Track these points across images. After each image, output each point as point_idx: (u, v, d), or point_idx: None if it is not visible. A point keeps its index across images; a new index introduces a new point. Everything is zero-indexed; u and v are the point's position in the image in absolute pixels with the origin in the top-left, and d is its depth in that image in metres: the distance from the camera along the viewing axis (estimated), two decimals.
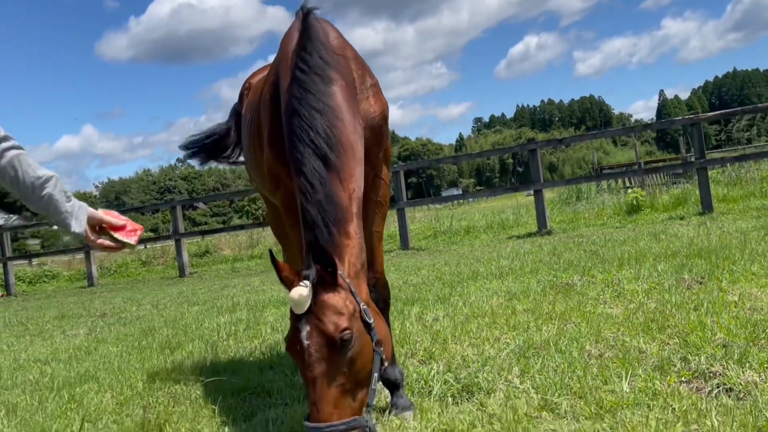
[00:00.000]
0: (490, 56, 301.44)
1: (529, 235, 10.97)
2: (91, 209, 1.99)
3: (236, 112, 4.64)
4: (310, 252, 2.21)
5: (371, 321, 2.22)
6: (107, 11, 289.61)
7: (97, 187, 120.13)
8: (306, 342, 2.11)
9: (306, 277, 2.16)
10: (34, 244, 59.92)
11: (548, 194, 12.90)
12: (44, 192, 1.82)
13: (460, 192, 65.72)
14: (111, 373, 4.42)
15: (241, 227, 19.47)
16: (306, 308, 2.11)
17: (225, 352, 4.67)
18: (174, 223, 13.98)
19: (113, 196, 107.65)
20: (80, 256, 20.42)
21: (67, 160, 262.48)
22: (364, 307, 2.23)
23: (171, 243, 18.64)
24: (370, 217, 2.97)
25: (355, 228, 2.37)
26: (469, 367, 3.27)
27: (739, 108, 12.25)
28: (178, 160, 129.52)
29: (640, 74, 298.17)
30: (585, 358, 3.19)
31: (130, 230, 2.14)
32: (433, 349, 3.78)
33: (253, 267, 13.44)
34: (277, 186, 2.96)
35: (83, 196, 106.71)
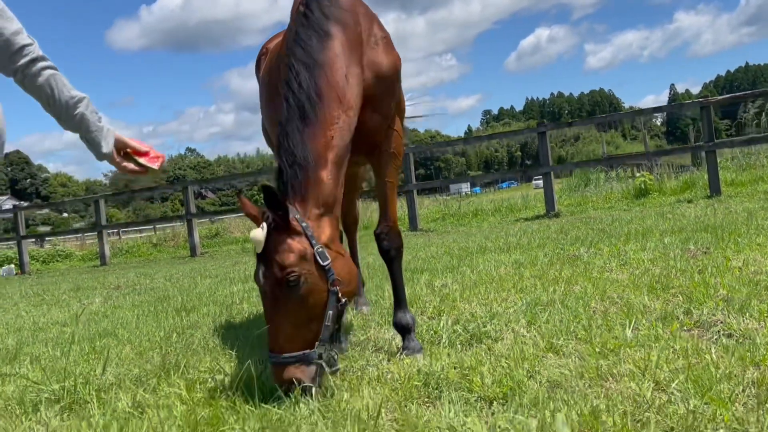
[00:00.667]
0: (500, 48, 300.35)
1: (537, 217, 11.04)
2: (118, 133, 2.10)
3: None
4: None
5: (326, 262, 2.39)
6: (119, 0, 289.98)
7: (106, 176, 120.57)
8: (262, 280, 2.38)
9: (267, 219, 2.35)
10: (45, 230, 60.40)
11: (557, 185, 12.96)
12: (77, 111, 1.92)
13: (468, 186, 65.53)
14: (129, 330, 4.55)
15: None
16: (262, 248, 2.34)
17: (239, 313, 4.79)
18: (186, 203, 14.12)
19: (122, 185, 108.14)
20: (92, 238, 20.65)
21: (77, 149, 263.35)
22: (320, 249, 2.39)
23: (181, 226, 18.87)
24: (384, 167, 3.07)
25: (327, 174, 2.52)
26: (477, 321, 3.37)
27: (749, 92, 12.24)
28: (187, 149, 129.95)
29: (651, 68, 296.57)
30: (590, 313, 3.29)
31: (153, 157, 2.25)
32: (442, 307, 3.88)
33: None
34: None
35: (93, 184, 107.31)
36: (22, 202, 62.07)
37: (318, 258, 2.38)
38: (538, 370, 2.40)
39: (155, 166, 2.24)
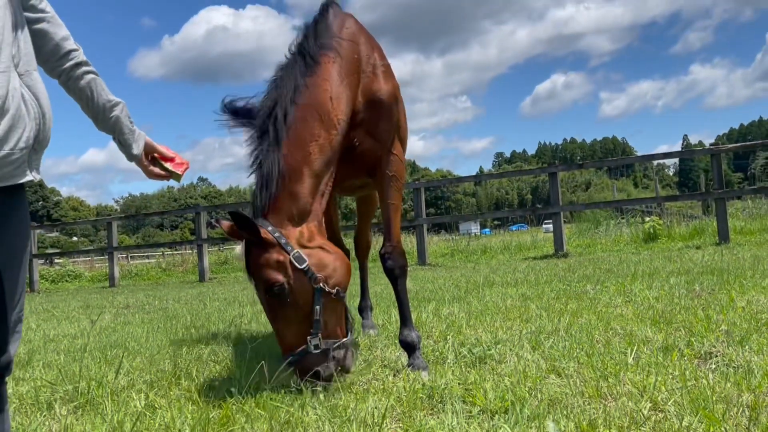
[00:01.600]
0: (515, 92, 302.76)
1: (546, 256, 11.10)
2: (148, 138, 2.24)
3: None
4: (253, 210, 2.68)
5: (303, 265, 2.61)
6: (144, 29, 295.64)
7: (117, 201, 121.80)
8: (257, 292, 2.68)
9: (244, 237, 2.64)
10: (54, 252, 60.67)
11: (567, 229, 13.04)
12: (113, 114, 2.07)
13: (478, 226, 65.54)
14: (140, 343, 4.63)
15: None
16: (244, 264, 2.64)
17: (248, 331, 4.87)
18: (197, 229, 14.27)
19: (133, 210, 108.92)
20: (100, 261, 20.80)
21: (91, 174, 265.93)
22: (296, 254, 2.62)
23: (190, 253, 19.01)
24: (386, 189, 3.26)
25: (304, 187, 2.74)
26: (482, 345, 3.44)
27: (759, 141, 12.35)
28: (199, 179, 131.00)
29: (665, 118, 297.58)
30: (593, 341, 3.35)
31: (179, 163, 2.38)
32: (448, 333, 3.95)
33: None
34: None
35: (104, 209, 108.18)
36: (33, 222, 62.46)
37: (295, 263, 2.61)
38: (540, 388, 2.46)
39: (180, 171, 2.37)
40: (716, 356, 2.83)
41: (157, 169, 2.29)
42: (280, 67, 2.99)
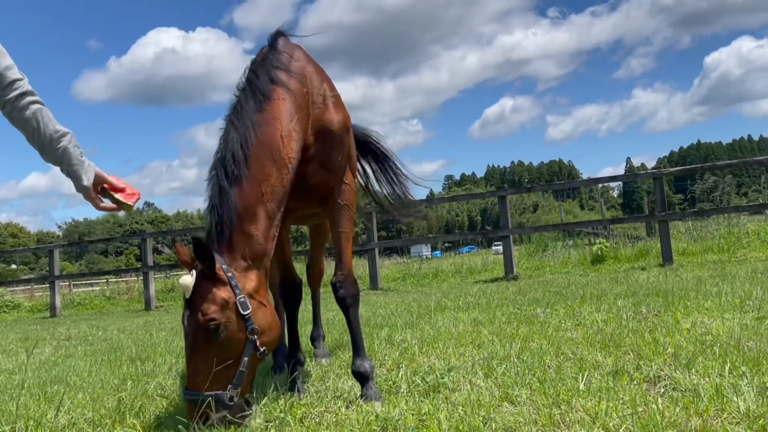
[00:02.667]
0: (465, 116, 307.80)
1: (496, 279, 11.21)
2: (98, 169, 2.16)
3: None
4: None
5: (246, 312, 2.57)
6: (90, 51, 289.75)
7: (60, 227, 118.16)
8: (185, 323, 2.57)
9: (195, 268, 2.55)
10: None
11: (515, 251, 13.20)
12: (60, 144, 1.99)
13: (429, 249, 65.86)
14: (82, 378, 4.46)
15: None
16: (190, 294, 2.53)
17: None
18: (143, 255, 13.95)
19: (76, 237, 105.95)
20: (40, 290, 20.09)
21: (32, 199, 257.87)
22: (242, 299, 2.58)
23: (135, 280, 18.52)
24: (337, 218, 3.24)
25: (257, 228, 2.70)
26: (436, 372, 3.42)
27: (699, 165, 12.82)
28: (146, 204, 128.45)
29: (609, 142, 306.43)
30: (545, 367, 3.37)
31: (130, 194, 2.31)
32: (401, 360, 3.92)
33: None
34: None
35: (45, 236, 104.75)
36: None
37: (239, 307, 2.57)
38: (494, 417, 2.45)
39: (130, 202, 2.31)
40: (664, 380, 2.87)
41: (106, 203, 2.22)
42: (232, 104, 2.95)
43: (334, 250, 3.25)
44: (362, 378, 3.02)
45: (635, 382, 2.91)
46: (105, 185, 2.22)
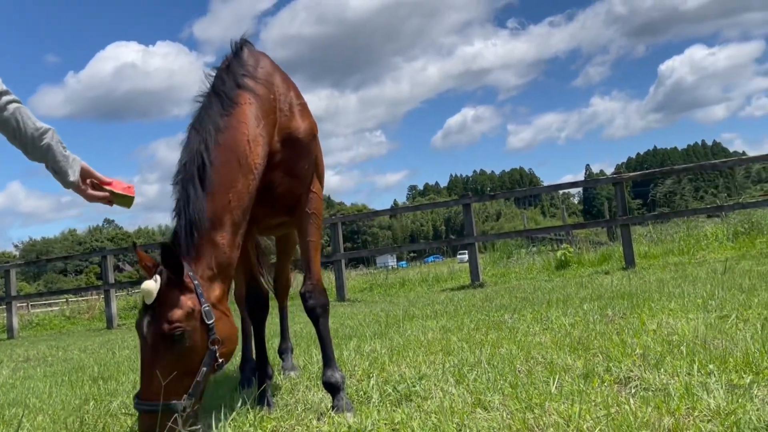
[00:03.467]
0: (428, 126, 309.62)
1: (463, 287, 11.24)
2: (84, 163, 2.10)
3: None
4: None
5: (210, 321, 2.49)
6: (46, 66, 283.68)
7: (17, 246, 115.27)
8: (145, 329, 2.42)
9: (160, 273, 2.44)
10: None
11: (480, 259, 13.27)
12: (44, 142, 1.93)
13: (395, 259, 66.05)
14: (42, 400, 4.31)
15: None
16: (152, 300, 2.40)
17: None
18: (104, 273, 13.65)
19: (34, 256, 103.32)
20: None
21: None
22: (207, 308, 2.49)
23: (96, 299, 18.09)
24: (305, 227, 3.19)
25: (223, 236, 2.62)
26: (407, 381, 3.39)
27: (658, 169, 13.08)
28: (105, 220, 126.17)
29: (568, 149, 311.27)
30: (516, 371, 3.37)
31: (126, 187, 2.25)
32: (372, 370, 3.87)
33: None
34: None
35: (1, 256, 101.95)
36: None
37: (204, 316, 2.48)
38: (467, 424, 2.43)
39: (131, 193, 2.24)
40: (634, 380, 2.89)
41: (98, 192, 2.15)
42: (197, 109, 2.87)
43: (302, 259, 3.20)
44: (333, 389, 2.97)
45: (606, 384, 2.92)
46: (93, 179, 2.15)
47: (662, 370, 2.97)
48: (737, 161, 13.17)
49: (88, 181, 2.15)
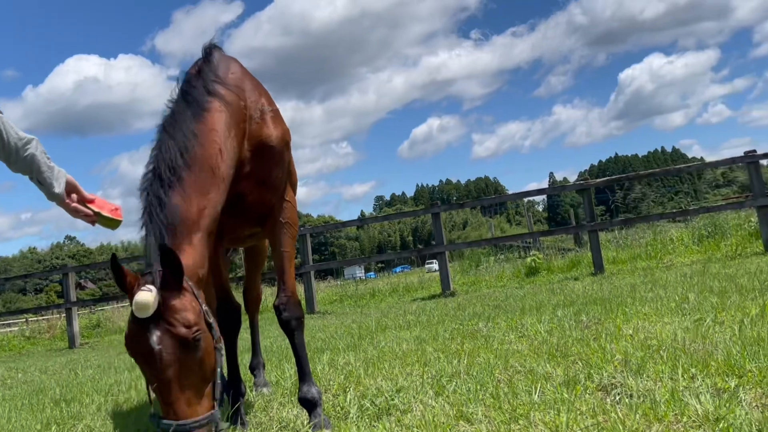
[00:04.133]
0: (394, 137, 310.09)
1: (433, 296, 11.18)
2: (70, 176, 1.99)
3: None
4: (151, 255, 2.28)
5: (211, 320, 2.33)
6: (4, 80, 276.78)
7: None
8: (157, 346, 2.14)
9: (148, 282, 2.22)
10: None
11: (450, 268, 13.24)
12: (27, 153, 1.83)
13: (363, 270, 65.97)
14: (0, 425, 4.10)
15: None
16: (152, 312, 2.15)
17: (126, 401, 4.45)
18: (65, 291, 13.26)
19: None
20: None
21: None
22: (205, 307, 2.33)
23: (57, 318, 17.59)
24: (279, 237, 3.07)
25: (200, 239, 2.46)
26: (384, 395, 3.29)
27: (624, 175, 13.25)
28: (66, 237, 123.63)
29: (532, 157, 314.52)
30: (496, 381, 3.29)
31: (113, 209, 2.12)
32: (347, 384, 3.77)
33: None
34: None
35: None
36: None
37: (206, 316, 2.32)
38: None
39: (118, 217, 2.11)
40: (617, 387, 2.83)
41: (83, 208, 2.02)
42: (166, 115, 2.74)
43: (276, 271, 3.08)
44: (310, 405, 2.86)
45: (589, 392, 2.86)
46: (78, 195, 2.02)
47: (645, 375, 2.92)
48: (702, 165, 13.41)
49: (72, 195, 2.02)
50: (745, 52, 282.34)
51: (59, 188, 1.93)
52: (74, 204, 2.03)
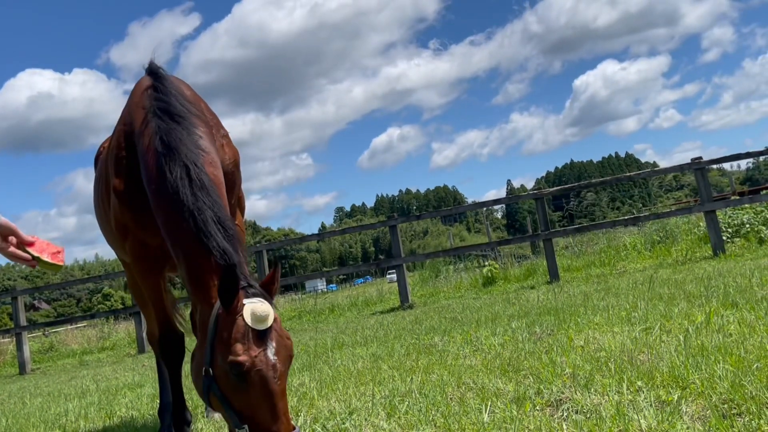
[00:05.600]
0: (354, 147, 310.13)
1: (393, 309, 11.17)
2: (4, 219, 1.88)
3: None
4: (226, 271, 2.15)
5: None
6: None
7: None
8: (273, 357, 2.11)
9: (255, 294, 2.18)
10: None
11: (410, 278, 13.26)
12: None
13: (324, 283, 65.63)
14: None
15: (92, 316, 18.21)
16: (269, 324, 2.12)
17: (74, 431, 4.32)
18: (15, 315, 12.86)
19: None
20: None
21: None
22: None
23: (9, 342, 17.05)
24: None
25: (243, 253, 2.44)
26: (337, 417, 3.26)
27: (576, 183, 13.49)
28: None
29: (490, 165, 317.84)
30: (447, 399, 3.29)
31: (54, 252, 2.03)
32: (300, 407, 3.72)
33: (105, 359, 12.56)
34: (124, 237, 2.94)
35: None
36: None
37: None
38: None
39: (58, 261, 2.01)
40: (566, 402, 2.85)
41: (21, 253, 1.92)
42: (156, 130, 2.59)
43: None
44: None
45: (538, 408, 2.87)
46: (17, 238, 1.92)
47: (592, 390, 2.95)
48: (651, 172, 13.70)
49: (9, 238, 1.92)
50: (694, 58, 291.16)
51: None
52: (11, 248, 1.94)
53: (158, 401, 4.27)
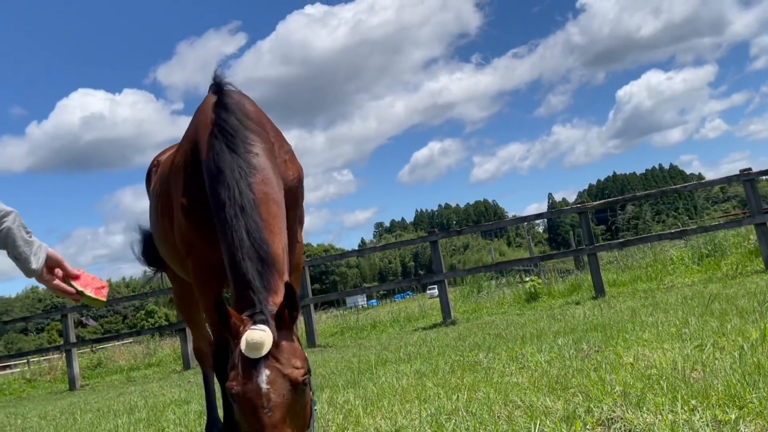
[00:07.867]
0: (394, 162, 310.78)
1: (435, 325, 11.11)
2: (51, 250, 1.94)
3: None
4: (249, 294, 2.21)
5: (306, 363, 2.25)
6: (12, 118, 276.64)
7: None
8: (266, 387, 2.06)
9: (261, 321, 2.16)
10: None
11: (451, 294, 13.19)
12: (3, 225, 1.78)
13: (365, 298, 65.77)
14: None
15: (138, 333, 18.55)
16: (265, 352, 2.09)
17: None
18: (65, 332, 13.18)
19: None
20: None
21: None
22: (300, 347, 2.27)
23: (58, 358, 17.47)
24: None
25: (284, 270, 2.44)
26: None
27: (621, 197, 13.28)
28: None
29: (531, 178, 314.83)
30: (495, 418, 3.25)
31: (99, 287, 2.07)
32: (346, 425, 3.72)
33: (151, 375, 12.76)
34: (189, 252, 2.96)
35: None
36: None
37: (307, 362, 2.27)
38: None
39: (101, 297, 2.05)
40: (617, 422, 2.79)
41: (64, 285, 1.97)
42: (224, 148, 2.64)
43: None
44: None
45: (589, 427, 2.82)
46: (60, 270, 1.97)
47: (645, 408, 2.89)
48: (698, 185, 13.41)
49: (56, 270, 1.97)
50: (742, 67, 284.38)
51: (37, 264, 1.88)
52: (56, 281, 1.98)
53: (205, 417, 4.32)
